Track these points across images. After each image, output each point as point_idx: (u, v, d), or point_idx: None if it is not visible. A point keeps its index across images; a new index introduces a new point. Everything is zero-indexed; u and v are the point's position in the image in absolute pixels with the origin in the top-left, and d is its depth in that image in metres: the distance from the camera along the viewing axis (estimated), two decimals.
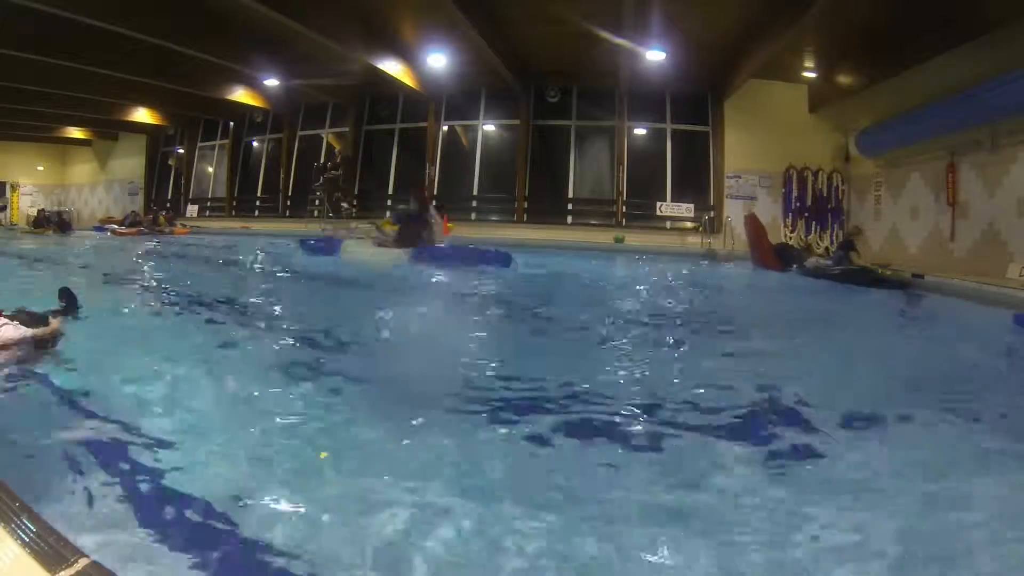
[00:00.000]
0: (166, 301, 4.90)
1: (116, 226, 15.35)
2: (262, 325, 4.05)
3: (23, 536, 0.93)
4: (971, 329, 4.90)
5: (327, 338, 3.46)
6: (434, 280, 6.60)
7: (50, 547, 0.91)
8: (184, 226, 15.71)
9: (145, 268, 8.08)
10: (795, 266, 8.89)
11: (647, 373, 3.01)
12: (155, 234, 14.22)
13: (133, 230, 14.60)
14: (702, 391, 2.63)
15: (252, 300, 5.39)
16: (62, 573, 0.85)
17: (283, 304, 5.17)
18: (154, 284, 6.21)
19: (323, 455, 1.88)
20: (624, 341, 3.76)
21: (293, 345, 3.37)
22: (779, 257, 9.28)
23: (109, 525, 1.39)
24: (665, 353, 3.59)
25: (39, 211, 18.89)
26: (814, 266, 8.50)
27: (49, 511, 1.26)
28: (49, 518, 1.05)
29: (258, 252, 9.76)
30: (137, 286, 5.89)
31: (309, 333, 3.57)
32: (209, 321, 4.02)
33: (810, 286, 7.57)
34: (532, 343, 3.81)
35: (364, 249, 7.82)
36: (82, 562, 0.88)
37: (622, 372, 3.01)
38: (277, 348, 3.32)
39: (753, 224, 9.80)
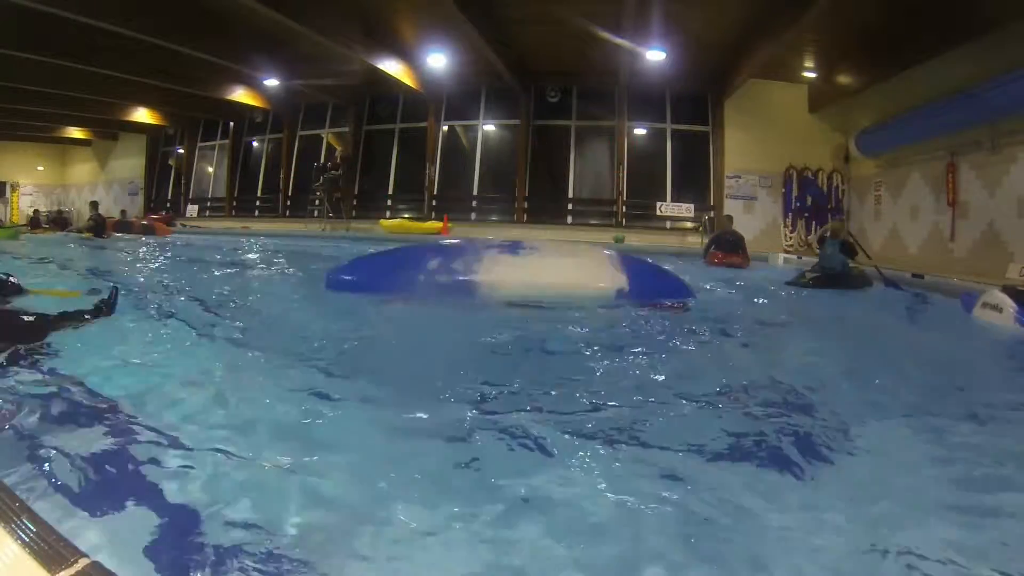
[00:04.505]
0: (163, 301, 4.89)
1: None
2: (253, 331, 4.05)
3: (23, 536, 0.92)
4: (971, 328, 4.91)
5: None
6: None
7: (50, 547, 0.91)
8: (170, 225, 15.53)
9: (125, 268, 7.98)
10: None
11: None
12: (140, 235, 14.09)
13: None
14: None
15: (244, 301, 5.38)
16: (62, 573, 0.85)
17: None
18: (150, 284, 6.20)
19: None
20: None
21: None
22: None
23: (110, 525, 1.39)
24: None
25: (35, 212, 18.90)
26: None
27: (48, 511, 1.26)
28: (49, 518, 1.05)
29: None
30: (133, 286, 5.87)
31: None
32: (209, 325, 4.02)
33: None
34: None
35: None
36: (82, 562, 0.88)
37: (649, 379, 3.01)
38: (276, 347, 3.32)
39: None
